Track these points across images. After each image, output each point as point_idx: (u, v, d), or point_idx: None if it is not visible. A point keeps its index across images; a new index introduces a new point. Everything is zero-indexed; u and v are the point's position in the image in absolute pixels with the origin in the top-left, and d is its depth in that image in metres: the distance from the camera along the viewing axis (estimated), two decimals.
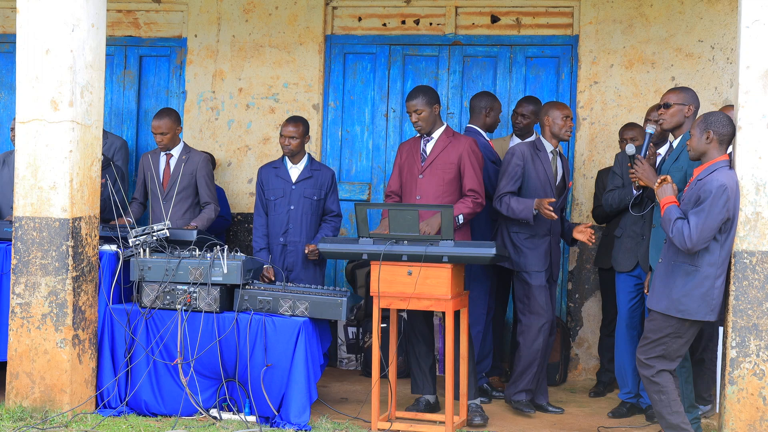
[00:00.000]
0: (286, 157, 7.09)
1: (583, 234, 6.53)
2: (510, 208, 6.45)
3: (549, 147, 6.61)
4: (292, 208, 7.02)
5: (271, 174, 7.10)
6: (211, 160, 8.21)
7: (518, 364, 6.58)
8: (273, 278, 6.82)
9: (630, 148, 6.22)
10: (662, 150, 6.56)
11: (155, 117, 7.32)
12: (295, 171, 7.07)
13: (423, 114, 6.54)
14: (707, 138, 5.44)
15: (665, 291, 5.44)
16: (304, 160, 7.09)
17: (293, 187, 7.03)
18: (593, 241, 6.53)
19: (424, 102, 6.53)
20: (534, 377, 6.57)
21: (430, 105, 6.54)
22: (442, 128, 6.66)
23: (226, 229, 8.18)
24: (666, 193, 5.50)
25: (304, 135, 7.05)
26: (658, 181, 5.59)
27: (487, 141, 7.15)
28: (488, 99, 7.23)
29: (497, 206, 6.53)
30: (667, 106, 6.02)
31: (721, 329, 6.30)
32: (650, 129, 6.29)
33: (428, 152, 6.61)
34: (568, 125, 6.58)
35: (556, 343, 7.41)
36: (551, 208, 6.32)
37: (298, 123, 7.04)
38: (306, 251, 6.94)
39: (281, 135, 7.03)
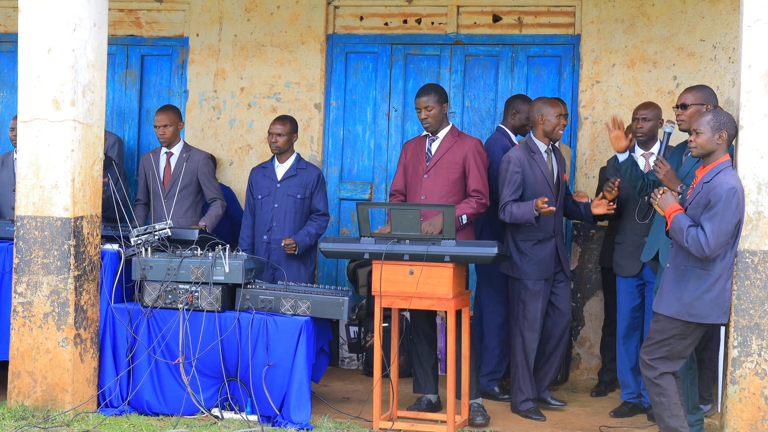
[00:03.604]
0: (275, 157, 7.14)
1: (600, 207, 6.47)
2: (513, 215, 6.41)
3: (542, 147, 6.57)
4: (276, 206, 7.05)
5: (259, 174, 7.19)
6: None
7: (516, 371, 6.57)
8: None
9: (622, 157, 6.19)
10: (653, 149, 6.54)
11: (157, 111, 7.38)
12: (281, 170, 7.13)
13: (433, 111, 6.53)
14: (719, 138, 5.38)
15: (676, 295, 5.38)
16: (291, 159, 7.14)
17: (278, 185, 7.08)
18: (613, 210, 6.44)
19: (435, 99, 6.53)
20: (532, 383, 6.55)
21: (440, 103, 6.54)
22: (448, 128, 6.65)
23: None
24: (668, 202, 5.41)
25: (292, 133, 7.11)
26: (660, 192, 5.50)
27: (514, 144, 7.00)
28: (517, 101, 7.18)
29: (501, 216, 6.48)
30: (684, 106, 5.92)
31: (722, 329, 6.29)
32: (668, 128, 6.15)
33: (433, 152, 6.60)
34: (561, 124, 6.52)
35: None
36: (546, 204, 6.27)
37: (286, 121, 7.11)
38: (282, 244, 6.95)
39: (269, 133, 7.10)
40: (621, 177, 6.26)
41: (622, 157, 6.17)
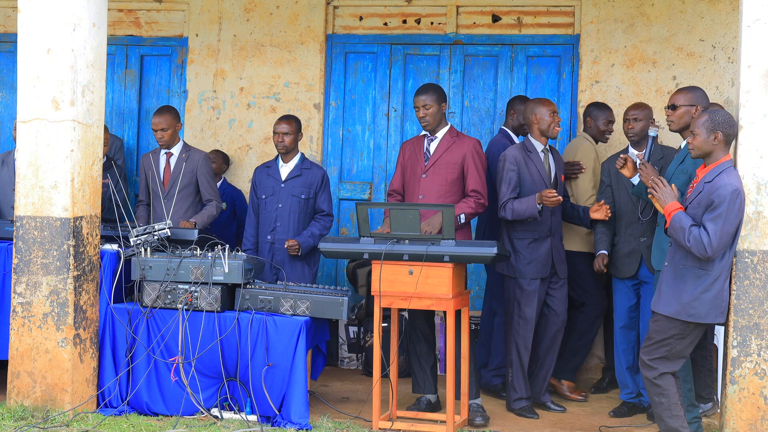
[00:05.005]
0: (280, 157, 7.13)
1: (599, 212, 6.54)
2: (515, 211, 6.42)
3: (539, 146, 6.59)
4: (280, 206, 7.04)
5: (263, 173, 7.16)
6: (225, 159, 8.21)
7: (510, 370, 6.58)
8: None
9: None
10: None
11: (155, 114, 7.32)
12: (285, 169, 7.11)
13: (431, 109, 6.54)
14: (715, 139, 5.37)
15: (674, 295, 5.37)
16: (296, 159, 7.12)
17: (282, 185, 7.06)
18: (610, 214, 6.53)
19: (433, 98, 6.54)
20: (526, 382, 6.55)
21: (438, 102, 6.55)
22: (446, 128, 6.65)
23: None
24: (669, 200, 5.41)
25: (297, 132, 7.09)
26: (662, 186, 5.50)
27: (514, 144, 7.00)
28: (515, 102, 7.19)
29: (503, 214, 6.49)
30: (674, 107, 5.97)
31: (719, 328, 6.29)
32: (653, 132, 6.26)
33: (432, 152, 6.60)
34: (556, 121, 6.54)
35: None
36: (553, 194, 6.29)
37: (291, 120, 7.09)
38: (285, 245, 6.94)
39: (274, 132, 7.08)
40: (641, 197, 6.26)
41: (636, 180, 6.20)
